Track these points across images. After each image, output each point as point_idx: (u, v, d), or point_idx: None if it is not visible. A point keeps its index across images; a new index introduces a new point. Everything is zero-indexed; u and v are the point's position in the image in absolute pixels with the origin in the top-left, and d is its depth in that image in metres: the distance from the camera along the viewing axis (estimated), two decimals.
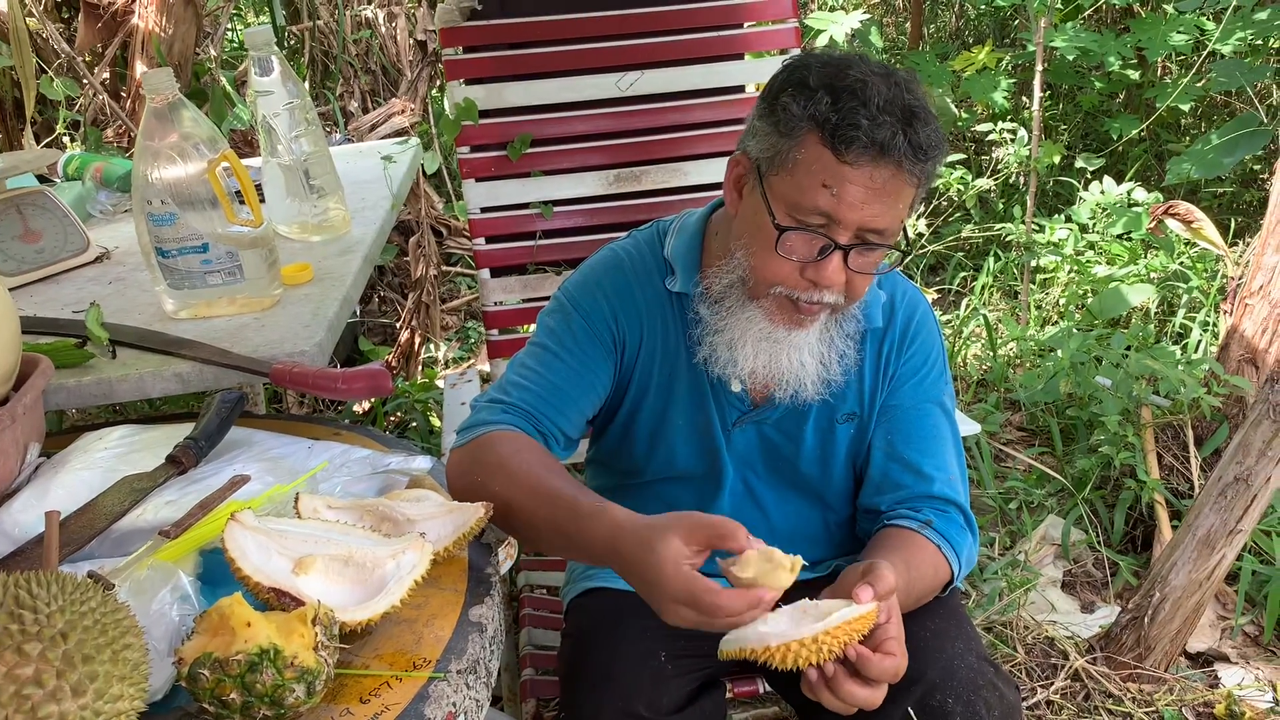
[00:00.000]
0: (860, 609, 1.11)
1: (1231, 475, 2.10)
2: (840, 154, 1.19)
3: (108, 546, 1.15)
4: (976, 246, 4.38)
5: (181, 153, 1.50)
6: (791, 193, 1.23)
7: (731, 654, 1.15)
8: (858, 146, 1.18)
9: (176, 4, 3.03)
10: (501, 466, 1.25)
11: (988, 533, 2.76)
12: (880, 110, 1.18)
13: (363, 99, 4.23)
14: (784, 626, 1.12)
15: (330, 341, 1.57)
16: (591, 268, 1.47)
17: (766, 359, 1.33)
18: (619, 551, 1.11)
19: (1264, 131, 3.77)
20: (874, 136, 1.17)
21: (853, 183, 1.19)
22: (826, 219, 1.22)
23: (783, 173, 1.24)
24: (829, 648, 1.09)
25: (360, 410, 3.31)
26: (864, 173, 1.19)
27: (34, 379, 1.29)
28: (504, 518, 1.22)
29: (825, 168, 1.20)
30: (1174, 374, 2.72)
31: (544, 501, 1.20)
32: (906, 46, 5.54)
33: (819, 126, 1.20)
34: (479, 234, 2.21)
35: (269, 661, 0.89)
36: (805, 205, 1.22)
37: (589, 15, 2.17)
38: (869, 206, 1.20)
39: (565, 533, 1.18)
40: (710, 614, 1.04)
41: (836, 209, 1.21)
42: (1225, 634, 2.43)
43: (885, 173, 1.19)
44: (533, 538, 1.24)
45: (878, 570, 1.15)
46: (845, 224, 1.22)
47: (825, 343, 1.35)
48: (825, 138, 1.19)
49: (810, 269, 1.25)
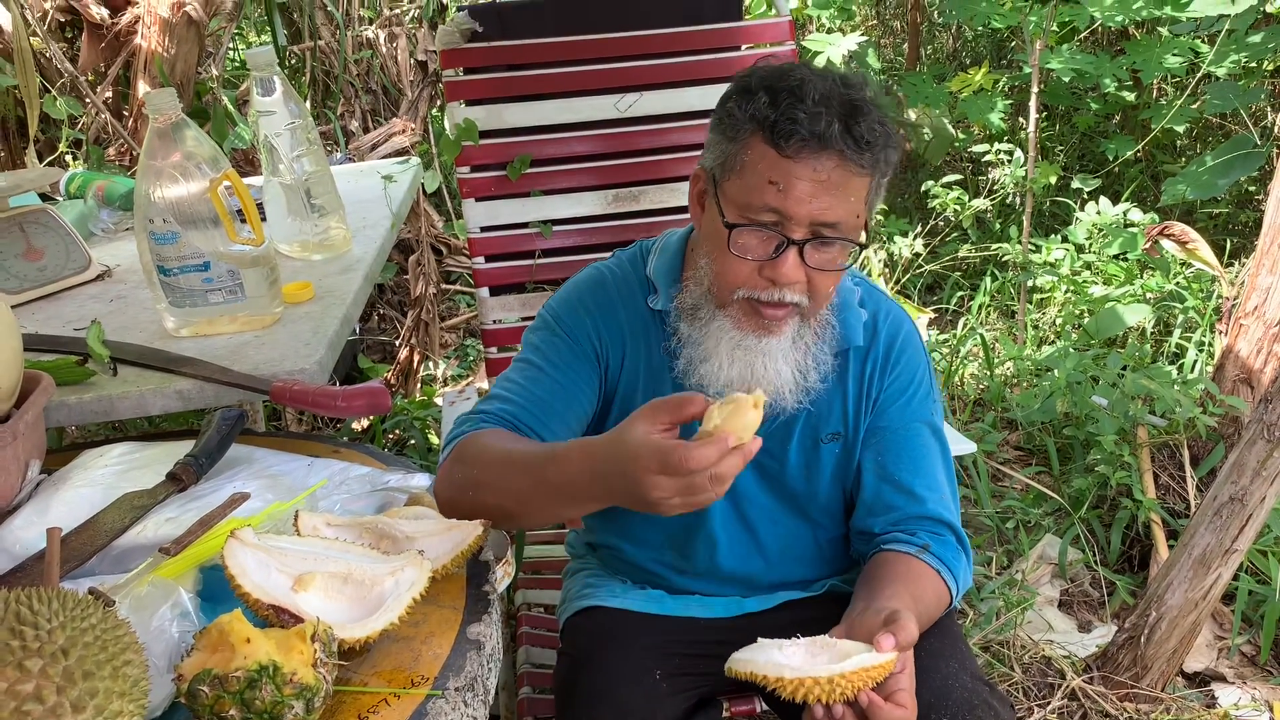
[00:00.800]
0: (880, 657, 1.11)
1: (1227, 495, 2.11)
2: (781, 149, 1.22)
3: (108, 563, 1.16)
4: (973, 266, 4.40)
5: (184, 172, 1.51)
6: (741, 194, 1.26)
7: (741, 674, 1.15)
8: (796, 140, 1.20)
9: (179, 24, 3.05)
10: (481, 454, 1.25)
11: (985, 552, 2.76)
12: (816, 104, 1.21)
13: (363, 118, 4.25)
14: (799, 660, 1.13)
15: (330, 359, 1.58)
16: (575, 285, 1.48)
17: (741, 368, 1.33)
18: (597, 470, 1.09)
19: (1258, 153, 3.80)
20: (812, 129, 1.20)
21: (797, 177, 1.22)
22: (777, 215, 1.24)
23: (733, 176, 1.27)
24: (842, 690, 1.09)
25: (359, 428, 3.31)
26: (807, 166, 1.21)
27: (35, 396, 1.30)
28: (489, 499, 1.21)
29: (770, 165, 1.23)
30: (1170, 394, 2.73)
31: (521, 467, 1.19)
32: (904, 68, 5.58)
33: (760, 125, 1.23)
34: (478, 253, 2.22)
35: (268, 678, 0.90)
36: (755, 204, 1.24)
37: (588, 38, 2.19)
38: (817, 200, 1.22)
39: (547, 483, 1.16)
40: (683, 469, 1.00)
41: (784, 204, 1.23)
42: (1222, 654, 2.43)
43: (829, 164, 1.22)
44: (521, 509, 1.22)
45: (901, 621, 1.14)
46: (796, 219, 1.23)
47: (800, 350, 1.35)
48: (767, 135, 1.22)
49: (767, 267, 1.27)
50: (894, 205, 4.87)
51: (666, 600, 1.52)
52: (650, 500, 1.04)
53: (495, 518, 1.23)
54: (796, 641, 1.15)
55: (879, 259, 4.22)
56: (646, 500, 1.04)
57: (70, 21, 3.36)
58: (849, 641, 1.15)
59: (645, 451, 1.02)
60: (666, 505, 1.04)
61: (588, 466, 1.11)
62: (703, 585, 1.53)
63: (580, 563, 1.66)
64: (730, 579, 1.51)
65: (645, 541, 1.52)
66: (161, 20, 3.04)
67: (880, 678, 1.12)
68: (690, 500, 1.03)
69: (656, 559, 1.52)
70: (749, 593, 1.53)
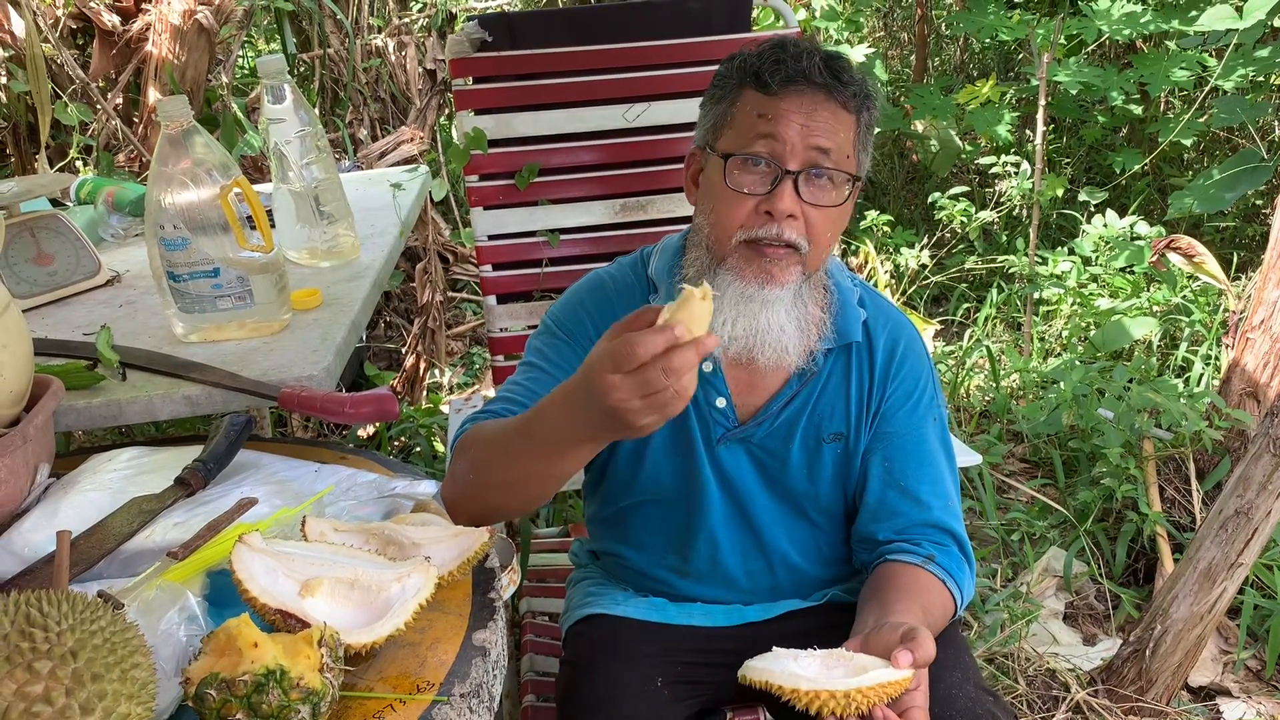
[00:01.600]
0: (897, 674, 1.11)
1: (1232, 508, 2.11)
2: (768, 88, 1.30)
3: (116, 567, 1.16)
4: (980, 278, 4.41)
5: (194, 178, 1.52)
6: (735, 139, 1.33)
7: (756, 682, 1.15)
8: (781, 77, 1.29)
9: (190, 32, 3.07)
10: (477, 439, 1.29)
11: (990, 564, 2.76)
12: (797, 50, 1.31)
13: (372, 127, 4.27)
14: (815, 671, 1.13)
15: (338, 366, 1.59)
16: (575, 291, 1.51)
17: (746, 323, 1.33)
18: (572, 402, 1.09)
19: (1265, 167, 3.80)
20: (796, 66, 1.29)
21: (786, 108, 1.30)
22: (770, 144, 1.29)
23: (727, 131, 1.34)
24: (857, 705, 1.09)
25: (365, 435, 3.32)
26: (794, 100, 1.29)
27: (45, 400, 1.31)
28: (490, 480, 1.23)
29: (759, 104, 1.31)
30: (1176, 407, 2.73)
31: (513, 432, 1.20)
32: (911, 79, 5.59)
33: (747, 75, 1.32)
34: (486, 261, 2.23)
35: (275, 682, 0.90)
36: (747, 139, 1.31)
37: (597, 48, 2.20)
38: (809, 128, 1.29)
39: (537, 440, 1.16)
40: (632, 360, 0.98)
41: (775, 129, 1.29)
42: (1227, 668, 2.42)
43: (816, 97, 1.30)
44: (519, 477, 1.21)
45: (919, 638, 1.14)
46: (788, 146, 1.29)
47: (800, 306, 1.35)
48: (752, 82, 1.32)
49: (764, 202, 1.30)
50: (900, 217, 4.88)
51: (669, 608, 1.52)
52: (611, 406, 1.01)
53: (499, 498, 1.24)
54: (812, 653, 1.15)
55: (885, 270, 4.22)
56: (609, 409, 1.02)
57: (82, 28, 3.38)
58: (865, 656, 1.15)
59: (597, 358, 1.03)
60: (631, 413, 1.01)
61: (565, 403, 1.11)
62: (704, 589, 1.53)
63: (583, 571, 1.67)
64: (731, 581, 1.51)
65: (647, 546, 1.52)
66: (172, 28, 3.05)
67: (896, 694, 1.12)
68: (652, 402, 1.01)
69: (659, 563, 1.52)
70: (750, 599, 1.53)
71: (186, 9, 3.05)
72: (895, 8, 6.23)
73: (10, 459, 1.22)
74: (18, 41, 2.96)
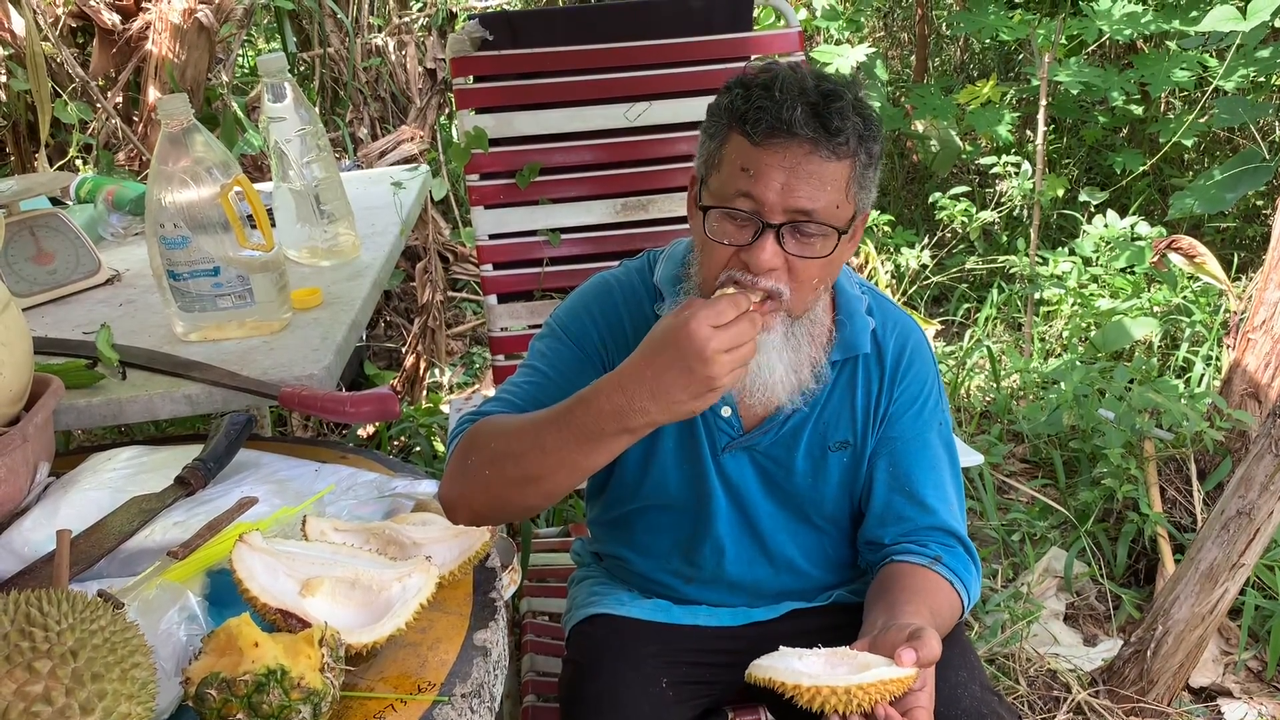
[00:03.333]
0: (900, 671, 1.11)
1: (1234, 509, 2.10)
2: (752, 138, 1.23)
3: (116, 566, 1.16)
4: (980, 278, 4.40)
5: (195, 177, 1.52)
6: (719, 185, 1.28)
7: (760, 680, 1.15)
8: (764, 128, 1.22)
9: (190, 30, 3.07)
10: (494, 430, 1.27)
11: (990, 564, 2.76)
12: (784, 93, 1.23)
13: (372, 126, 4.27)
14: (819, 668, 1.13)
15: (339, 365, 1.58)
16: (581, 294, 1.49)
17: None
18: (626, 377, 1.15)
19: (1266, 167, 3.80)
20: (779, 116, 1.21)
21: (768, 164, 1.23)
22: (751, 200, 1.25)
23: (714, 172, 1.29)
24: (859, 701, 1.09)
25: (365, 434, 3.31)
26: (777, 154, 1.23)
27: (45, 399, 1.31)
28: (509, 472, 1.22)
29: (743, 154, 1.25)
30: (1177, 407, 2.73)
31: (545, 424, 1.21)
32: (911, 80, 5.59)
33: (735, 119, 1.25)
34: (486, 260, 2.22)
35: (276, 682, 0.90)
36: (729, 191, 1.26)
37: (598, 47, 2.19)
38: (790, 187, 1.23)
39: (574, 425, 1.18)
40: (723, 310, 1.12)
41: (754, 188, 1.24)
42: (1228, 669, 2.42)
43: (799, 151, 1.22)
44: (543, 471, 1.22)
45: (924, 637, 1.14)
46: (769, 205, 1.24)
47: (792, 348, 1.34)
48: (739, 127, 1.25)
49: (744, 252, 1.27)
50: (901, 217, 4.88)
51: (673, 609, 1.52)
52: (708, 356, 1.10)
53: (516, 494, 1.24)
54: (817, 651, 1.15)
55: (886, 270, 4.22)
56: (704, 360, 1.10)
57: (82, 27, 3.38)
58: (870, 654, 1.15)
59: (690, 317, 1.11)
60: (718, 367, 1.11)
61: (618, 384, 1.15)
62: (709, 594, 1.52)
63: (586, 571, 1.66)
64: (736, 586, 1.51)
65: (652, 551, 1.52)
66: (172, 26, 3.05)
67: (899, 692, 1.11)
68: (736, 357, 1.12)
69: (663, 567, 1.52)
70: (755, 601, 1.53)
71: (187, 7, 3.04)
72: (895, 8, 6.23)
73: (10, 458, 1.22)
74: (18, 40, 2.96)
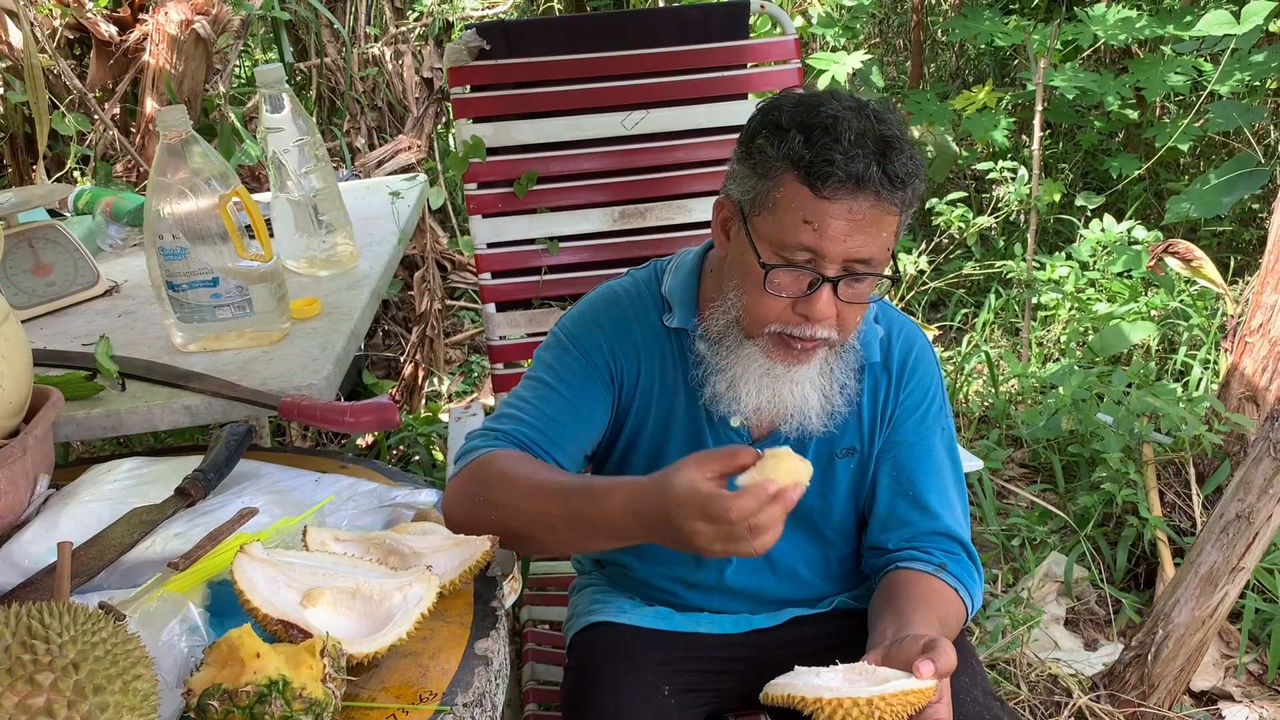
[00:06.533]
0: (919, 683, 1.11)
1: (1233, 512, 2.10)
2: (818, 190, 1.20)
3: (117, 578, 1.16)
4: (978, 283, 4.41)
5: (193, 188, 1.52)
6: (775, 231, 1.25)
7: (779, 699, 1.15)
8: (834, 181, 1.19)
9: (187, 41, 3.07)
10: (503, 477, 1.25)
11: (990, 570, 2.76)
12: (853, 144, 1.19)
13: (369, 136, 4.27)
14: (838, 682, 1.13)
15: (338, 375, 1.59)
16: (589, 304, 1.48)
17: (770, 394, 1.34)
18: (639, 511, 1.13)
19: (1262, 171, 3.81)
20: (849, 170, 1.19)
21: (833, 217, 1.21)
22: (811, 254, 1.23)
23: (764, 213, 1.26)
24: (882, 714, 1.09)
25: (364, 444, 3.31)
26: (843, 206, 1.21)
27: (44, 411, 1.31)
28: (513, 525, 1.22)
29: (804, 204, 1.22)
30: (1175, 411, 2.73)
31: (555, 497, 1.20)
32: (907, 86, 5.60)
33: (795, 165, 1.22)
34: (485, 269, 2.22)
35: (278, 693, 0.90)
36: (789, 243, 1.24)
37: (595, 55, 2.20)
38: (852, 239, 1.22)
39: (584, 518, 1.18)
40: (723, 518, 1.04)
41: (819, 243, 1.22)
42: (1229, 672, 2.42)
43: (865, 204, 1.21)
44: (546, 537, 1.23)
45: (940, 647, 1.14)
46: (830, 257, 1.23)
47: (825, 375, 1.35)
48: (801, 175, 1.21)
49: (801, 304, 1.26)
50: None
51: (675, 617, 1.52)
52: (694, 545, 1.08)
53: (514, 543, 1.25)
54: (834, 668, 1.15)
55: None
56: (690, 545, 1.08)
57: (79, 39, 3.38)
58: (886, 669, 1.15)
59: (691, 499, 1.06)
60: (709, 550, 1.08)
61: (629, 507, 1.14)
62: (711, 601, 1.52)
63: (587, 579, 1.66)
64: (738, 594, 1.51)
65: (655, 558, 1.52)
66: (170, 37, 3.05)
67: (920, 704, 1.11)
68: (730, 547, 1.07)
69: (665, 574, 1.52)
70: (757, 609, 1.53)
71: (183, 19, 3.05)
72: (891, 14, 6.25)
73: (10, 470, 1.22)
74: (15, 52, 2.96)
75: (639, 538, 1.16)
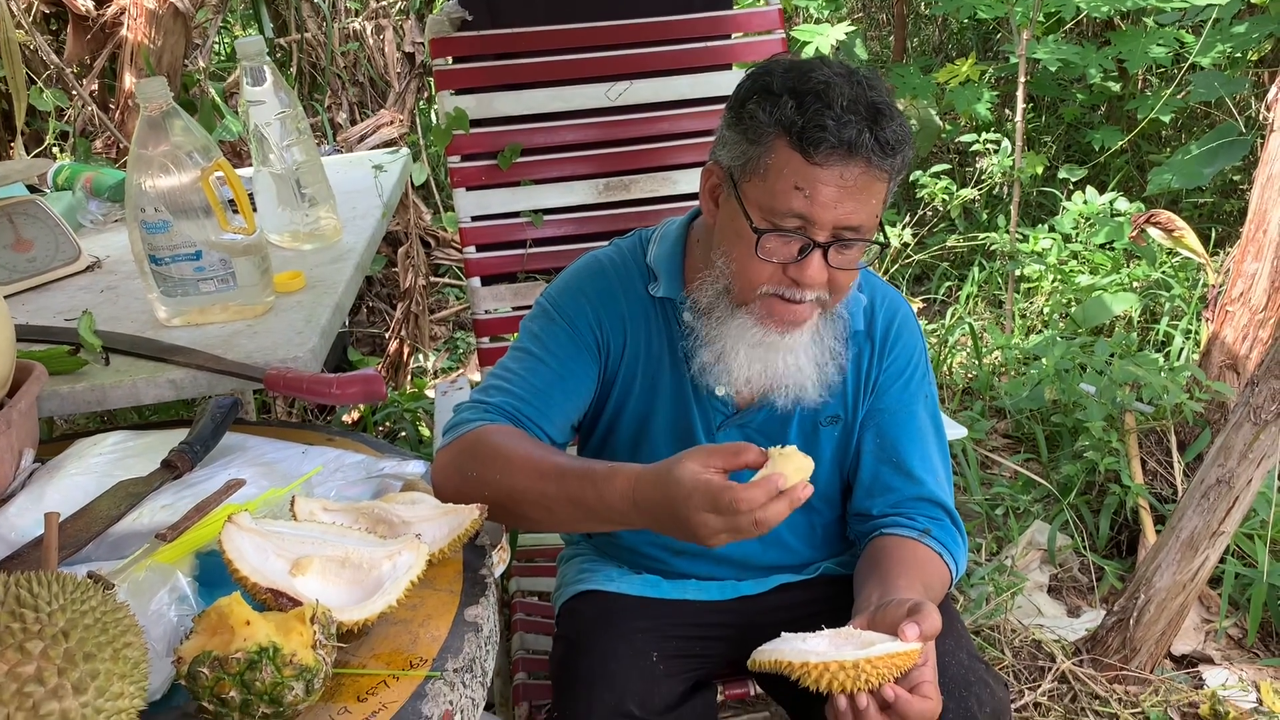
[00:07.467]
0: (905, 646, 1.12)
1: (1214, 478, 2.13)
2: (809, 156, 1.21)
3: (104, 550, 1.16)
4: (961, 256, 4.42)
5: (175, 161, 1.51)
6: (765, 197, 1.25)
7: (766, 665, 1.16)
8: (825, 147, 1.20)
9: (165, 16, 3.03)
10: (498, 453, 1.25)
11: (975, 538, 2.78)
12: (845, 110, 1.20)
13: (351, 111, 4.24)
14: (824, 647, 1.14)
15: (323, 348, 1.58)
16: (575, 273, 1.48)
17: (761, 366, 1.34)
18: (640, 500, 1.14)
19: (1242, 142, 3.83)
20: (841, 136, 1.19)
21: (824, 183, 1.21)
22: (802, 220, 1.24)
23: (755, 179, 1.26)
24: (868, 677, 1.10)
25: (349, 420, 3.31)
26: (834, 172, 1.21)
27: (28, 385, 1.30)
28: (506, 503, 1.22)
29: (796, 170, 1.22)
30: (1157, 380, 2.75)
31: (552, 477, 1.21)
32: (891, 59, 5.59)
33: (786, 131, 1.22)
34: (469, 242, 2.22)
35: (268, 659, 0.90)
36: (780, 208, 1.24)
37: (578, 26, 2.19)
38: (843, 205, 1.22)
39: (580, 501, 1.19)
40: (731, 510, 1.05)
41: (810, 209, 1.22)
42: (1209, 636, 2.45)
43: (855, 170, 1.21)
44: (540, 516, 1.24)
45: (924, 610, 1.15)
46: (821, 223, 1.23)
47: (818, 344, 1.36)
48: (793, 141, 1.21)
49: (792, 269, 1.27)
50: None
51: (662, 584, 1.53)
52: (698, 536, 1.09)
53: (505, 519, 1.25)
54: (820, 633, 1.16)
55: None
56: (693, 535, 1.09)
57: (56, 13, 3.35)
58: (872, 633, 1.16)
59: (698, 491, 1.07)
60: (711, 541, 1.09)
61: (629, 495, 1.15)
62: (698, 568, 1.53)
63: (575, 548, 1.67)
64: (725, 561, 1.52)
65: None
66: (148, 11, 3.02)
67: (906, 666, 1.12)
68: (735, 537, 1.09)
69: (652, 540, 1.52)
70: (744, 575, 1.54)
71: None
72: None
73: None
74: None
75: (635, 524, 1.17)
